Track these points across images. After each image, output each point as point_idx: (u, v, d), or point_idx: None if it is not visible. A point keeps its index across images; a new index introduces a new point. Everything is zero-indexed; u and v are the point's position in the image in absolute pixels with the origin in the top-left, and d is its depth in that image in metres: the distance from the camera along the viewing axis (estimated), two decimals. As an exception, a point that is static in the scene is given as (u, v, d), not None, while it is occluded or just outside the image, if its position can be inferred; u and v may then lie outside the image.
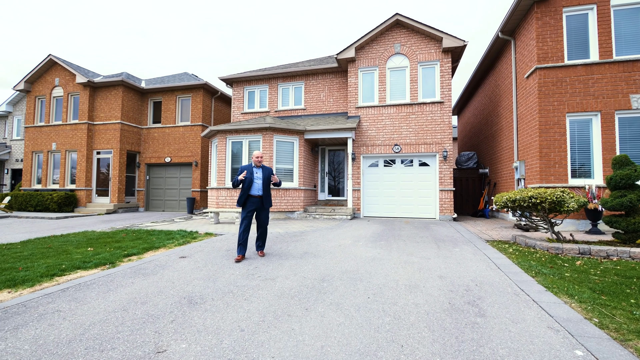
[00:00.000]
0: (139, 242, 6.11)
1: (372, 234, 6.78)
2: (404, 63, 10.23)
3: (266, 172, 4.84)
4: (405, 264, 4.24)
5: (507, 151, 9.22)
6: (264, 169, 4.88)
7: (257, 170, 4.87)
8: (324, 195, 11.60)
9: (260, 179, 4.82)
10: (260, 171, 4.88)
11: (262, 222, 4.85)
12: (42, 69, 14.87)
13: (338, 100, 11.70)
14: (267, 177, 4.84)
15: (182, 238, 6.44)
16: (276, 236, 6.55)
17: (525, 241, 5.23)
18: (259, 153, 4.91)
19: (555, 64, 6.74)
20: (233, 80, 12.93)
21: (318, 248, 5.32)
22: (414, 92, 10.03)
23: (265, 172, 4.84)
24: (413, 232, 7.05)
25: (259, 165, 4.90)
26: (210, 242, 5.92)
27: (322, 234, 6.81)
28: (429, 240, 6.01)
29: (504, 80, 9.47)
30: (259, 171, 4.88)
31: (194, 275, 3.87)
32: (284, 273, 3.90)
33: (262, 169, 4.86)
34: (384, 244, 5.65)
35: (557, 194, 4.61)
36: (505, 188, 9.25)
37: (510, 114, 8.95)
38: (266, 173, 4.83)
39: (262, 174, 4.86)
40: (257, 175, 4.85)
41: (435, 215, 9.62)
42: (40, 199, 13.29)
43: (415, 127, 9.93)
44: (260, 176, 4.85)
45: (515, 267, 4.05)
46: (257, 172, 4.86)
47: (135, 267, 4.26)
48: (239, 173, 4.72)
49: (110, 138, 13.84)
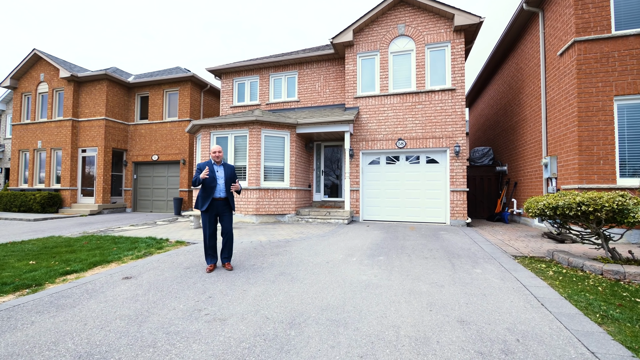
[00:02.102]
0: (96, 252, 5.19)
1: (371, 244, 5.65)
2: (409, 46, 9.01)
3: (228, 171, 4.18)
4: (410, 295, 3.12)
5: (532, 145, 7.94)
6: (226, 166, 4.20)
7: (218, 169, 4.13)
8: (319, 195, 10.49)
9: (222, 179, 4.11)
10: (222, 169, 4.15)
11: (226, 227, 4.16)
12: (27, 64, 14.11)
13: (335, 91, 10.55)
14: (230, 176, 4.17)
15: (146, 248, 5.46)
16: (256, 246, 5.48)
17: (567, 259, 4.03)
18: (218, 147, 4.14)
19: (599, 36, 5.46)
20: (222, 72, 11.90)
21: (300, 266, 4.22)
22: (421, 79, 8.81)
23: (227, 170, 4.18)
24: (420, 241, 5.89)
25: (220, 163, 4.16)
26: (174, 255, 4.90)
27: (310, 244, 5.71)
28: (440, 254, 4.85)
29: (529, 62, 8.17)
30: (220, 169, 4.14)
31: (121, 309, 2.84)
32: (243, 309, 2.83)
33: (224, 167, 4.18)
34: (383, 260, 4.51)
35: (617, 199, 3.41)
36: (530, 189, 7.98)
37: (536, 102, 7.67)
38: (228, 172, 4.18)
39: (224, 173, 4.13)
40: (219, 174, 4.12)
41: (446, 220, 8.41)
42: (23, 199, 12.55)
43: (422, 119, 8.72)
44: (222, 175, 4.12)
45: (566, 303, 2.88)
46: (218, 170, 4.12)
47: (59, 294, 3.28)
48: (197, 171, 4.02)
49: (95, 135, 12.99)
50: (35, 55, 13.83)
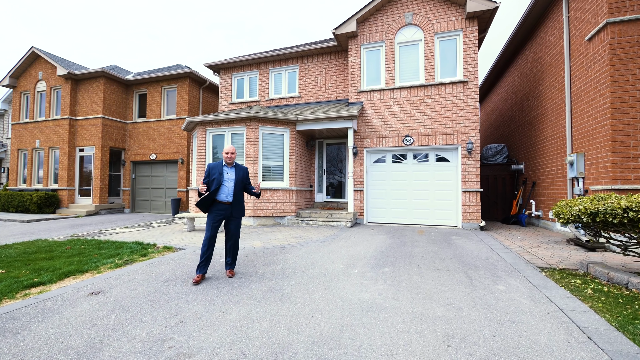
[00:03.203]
0: (74, 260, 4.78)
1: (375, 251, 5.09)
2: (417, 36, 8.38)
3: (240, 173, 3.84)
4: (421, 322, 2.56)
5: (553, 142, 7.25)
6: (238, 168, 3.87)
7: (228, 170, 3.80)
8: (321, 196, 9.94)
9: (232, 181, 3.78)
10: (233, 171, 3.82)
11: (233, 233, 3.86)
12: (26, 62, 13.89)
13: (337, 86, 9.97)
14: (241, 179, 3.84)
15: (129, 255, 5.01)
16: (248, 253, 4.97)
17: (607, 274, 3.41)
18: (231, 148, 3.82)
19: (636, 16, 4.78)
20: (220, 67, 11.43)
21: (293, 279, 3.70)
22: (430, 71, 8.18)
23: (238, 172, 3.84)
24: (430, 248, 5.31)
25: (231, 164, 3.83)
26: (156, 264, 4.42)
27: (308, 251, 5.18)
28: (454, 265, 4.26)
29: (549, 51, 7.47)
30: (231, 171, 3.82)
31: (71, 339, 2.35)
32: (216, 340, 2.31)
33: (236, 169, 3.85)
34: (389, 272, 3.96)
35: (677, 203, 2.77)
36: (551, 189, 7.30)
37: (559, 93, 6.98)
38: (240, 174, 3.84)
39: (235, 175, 3.80)
40: (228, 177, 3.79)
41: (457, 223, 7.78)
42: (20, 199, 12.31)
43: (432, 114, 8.09)
44: (232, 177, 3.80)
45: (620, 337, 2.28)
46: (228, 172, 3.80)
47: (10, 314, 2.89)
48: (206, 174, 3.79)
49: (92, 134, 12.67)
50: (33, 53, 13.58)
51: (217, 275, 3.90)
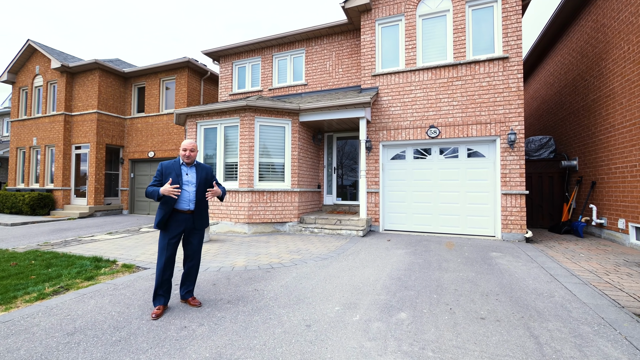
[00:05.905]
0: (3, 283, 3.72)
1: (389, 278, 3.74)
2: (445, 5, 6.89)
3: (202, 174, 2.99)
4: None
5: (625, 130, 5.63)
6: (200, 168, 3.01)
7: (187, 171, 2.94)
8: (331, 198, 8.63)
9: (193, 184, 2.92)
10: (194, 172, 2.96)
11: (195, 249, 3.00)
12: (23, 57, 13.36)
13: (349, 71, 8.62)
14: (204, 181, 2.97)
15: (73, 277, 3.92)
16: (220, 278, 3.75)
17: None
18: (191, 144, 2.93)
19: None
20: (220, 54, 10.33)
21: (259, 334, 2.42)
22: (460, 47, 6.69)
23: (200, 173, 2.98)
24: (466, 274, 3.90)
25: (191, 163, 2.96)
26: (89, 296, 3.28)
27: (300, 275, 3.90)
28: (505, 309, 2.85)
29: (617, 14, 5.83)
30: (191, 172, 2.95)
31: None
32: None
33: (197, 169, 2.98)
34: (406, 321, 2.60)
35: None
36: (621, 191, 5.67)
37: (634, 68, 5.35)
38: (202, 175, 2.98)
39: (197, 177, 2.94)
40: (188, 179, 2.91)
41: (495, 233, 6.28)
42: (14, 200, 11.75)
43: (462, 99, 6.61)
44: (192, 180, 2.93)
45: None
46: (187, 173, 2.93)
47: None
48: (157, 176, 2.88)
49: (87, 130, 11.93)
50: (30, 46, 13.02)
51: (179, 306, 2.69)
